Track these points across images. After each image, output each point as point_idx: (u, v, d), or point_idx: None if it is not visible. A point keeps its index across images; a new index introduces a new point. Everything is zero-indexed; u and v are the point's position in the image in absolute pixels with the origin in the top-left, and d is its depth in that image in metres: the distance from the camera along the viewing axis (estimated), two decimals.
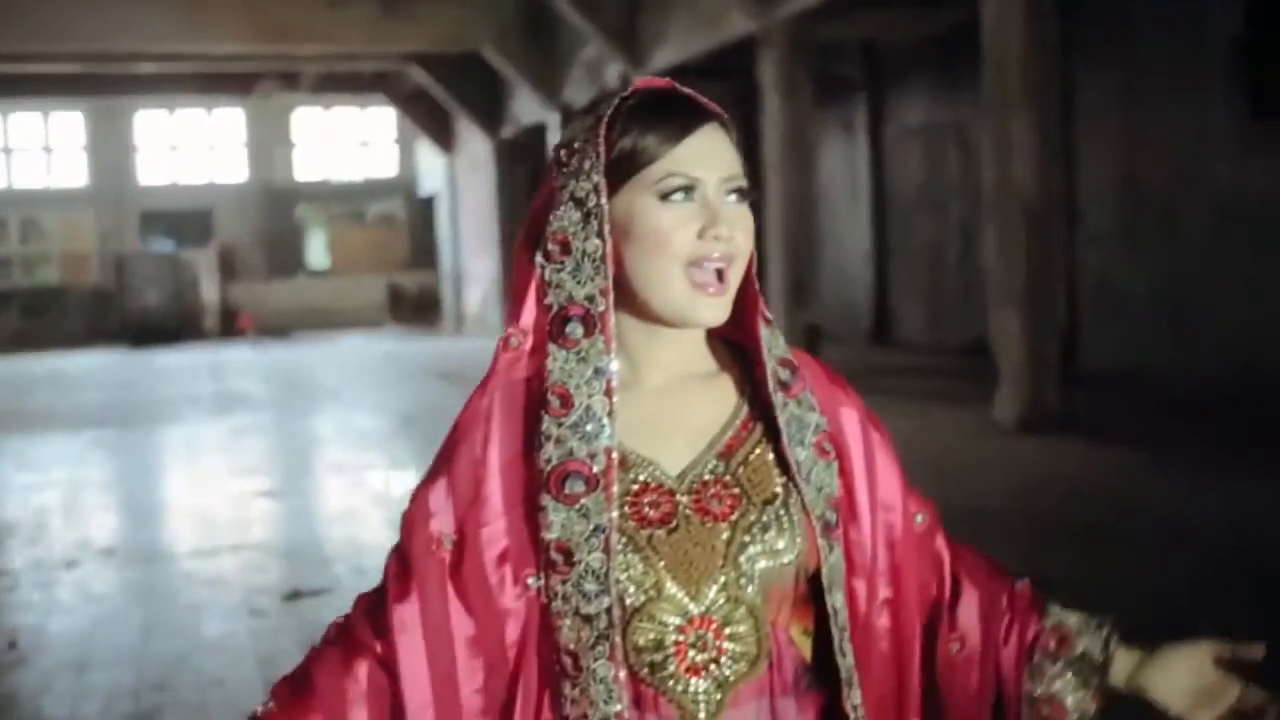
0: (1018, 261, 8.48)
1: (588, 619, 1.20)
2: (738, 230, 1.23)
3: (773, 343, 1.29)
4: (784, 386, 1.28)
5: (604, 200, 1.22)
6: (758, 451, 1.27)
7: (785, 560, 1.23)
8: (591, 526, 1.20)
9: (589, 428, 1.22)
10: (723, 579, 1.22)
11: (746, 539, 1.23)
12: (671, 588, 1.22)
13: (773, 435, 1.27)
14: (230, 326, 25.16)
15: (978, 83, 9.22)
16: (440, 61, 19.27)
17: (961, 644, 1.37)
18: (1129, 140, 11.00)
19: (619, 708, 1.20)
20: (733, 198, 1.24)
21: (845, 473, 1.30)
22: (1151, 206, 10.84)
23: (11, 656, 4.99)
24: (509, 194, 20.98)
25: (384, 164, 29.14)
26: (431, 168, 25.94)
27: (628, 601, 1.21)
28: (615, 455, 1.22)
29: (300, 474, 9.75)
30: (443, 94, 20.41)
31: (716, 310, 1.23)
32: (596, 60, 15.67)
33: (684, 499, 1.24)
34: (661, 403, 1.28)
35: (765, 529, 1.23)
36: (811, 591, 1.27)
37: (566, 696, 1.22)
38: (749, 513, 1.24)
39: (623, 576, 1.21)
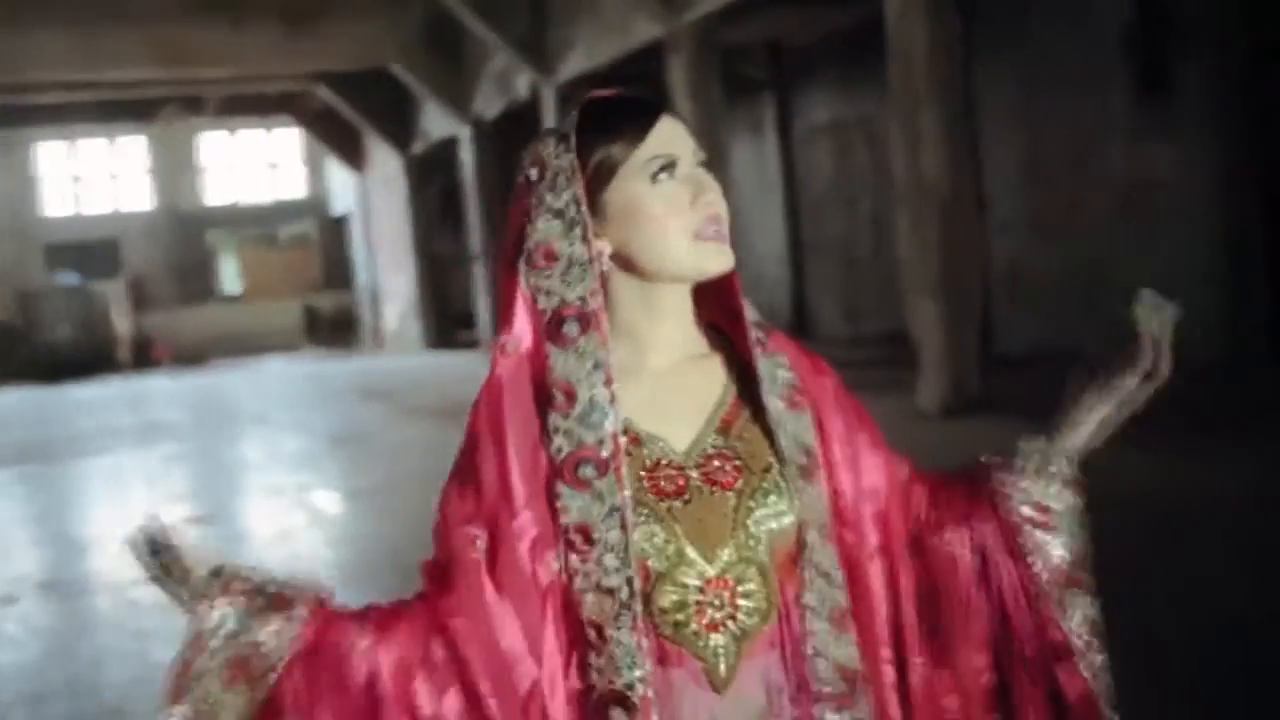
0: (932, 252, 8.71)
1: (609, 591, 1.31)
2: (719, 196, 1.38)
3: (749, 311, 1.44)
4: (760, 344, 1.43)
5: (584, 209, 1.35)
6: (751, 425, 1.41)
7: (787, 520, 1.36)
8: (607, 507, 1.32)
9: (594, 417, 1.34)
10: (733, 542, 1.35)
11: (752, 504, 1.36)
12: (691, 553, 1.34)
13: (759, 408, 1.40)
14: (145, 357, 24.77)
15: (883, 78, 9.45)
16: (347, 79, 19.21)
17: (946, 532, 1.48)
18: (1030, 128, 11.33)
19: (641, 672, 1.31)
20: (701, 169, 1.38)
21: (824, 432, 1.44)
22: (1055, 192, 11.17)
23: None
24: (422, 209, 20.98)
25: (293, 185, 28.90)
26: (342, 187, 25.81)
27: (651, 565, 1.32)
28: (621, 439, 1.33)
29: (232, 499, 9.70)
30: (350, 112, 20.35)
31: (726, 256, 1.37)
32: (505, 71, 15.75)
33: (693, 472, 1.36)
34: (663, 384, 1.40)
35: (766, 494, 1.37)
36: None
37: (593, 666, 1.33)
38: (751, 480, 1.37)
39: (646, 545, 1.32)
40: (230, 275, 28.67)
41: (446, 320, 21.10)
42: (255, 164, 28.54)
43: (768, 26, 13.78)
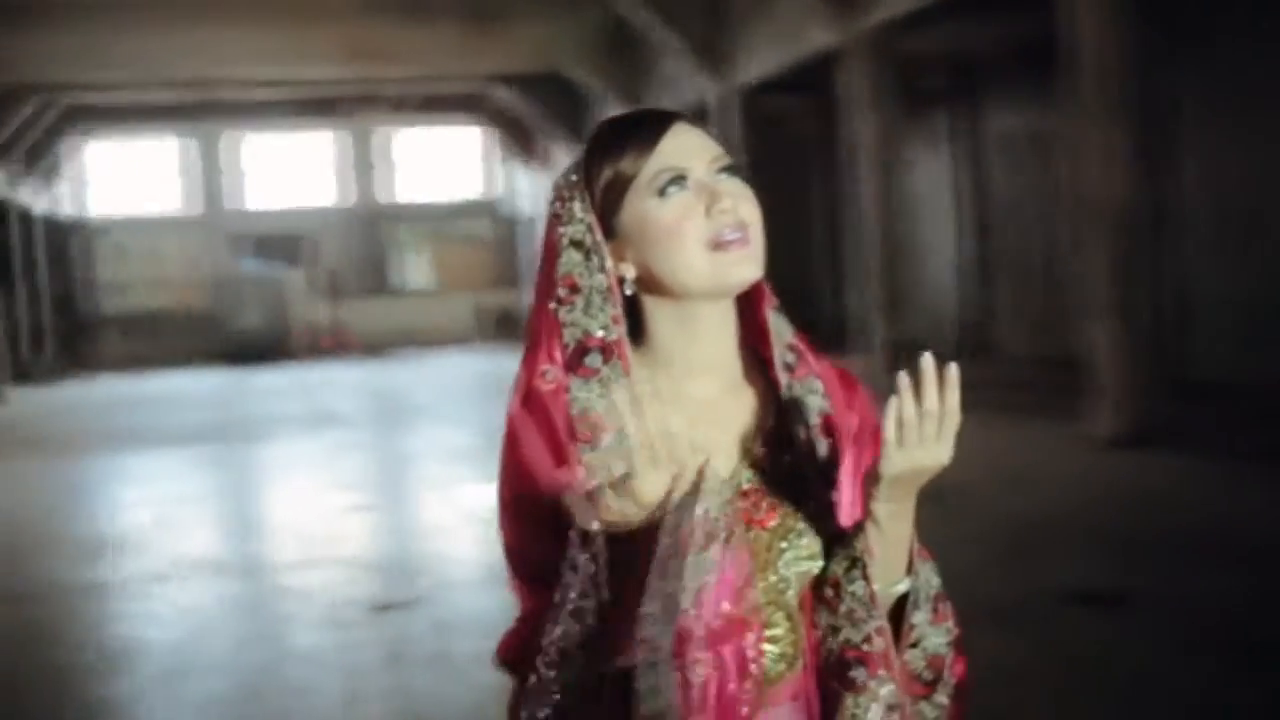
0: (1104, 271, 8.33)
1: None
2: (741, 201, 1.28)
3: (780, 328, 1.36)
4: (788, 369, 1.34)
5: (599, 236, 1.30)
6: (783, 458, 1.33)
7: (818, 563, 1.31)
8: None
9: (625, 447, 1.25)
10: (763, 584, 1.28)
11: (784, 545, 1.30)
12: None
13: (792, 438, 1.33)
14: (326, 345, 25.63)
15: (1064, 90, 9.08)
16: (526, 81, 19.49)
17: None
18: (1222, 145, 10.75)
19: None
20: (724, 175, 1.30)
21: (837, 458, 1.35)
22: (1248, 212, 10.58)
23: (110, 665, 5.13)
24: None
25: (474, 184, 29.50)
26: (521, 186, 26.20)
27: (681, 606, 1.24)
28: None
29: (393, 489, 9.89)
30: (529, 113, 20.64)
31: (748, 264, 1.28)
32: (679, 75, 15.74)
33: (730, 509, 1.27)
34: (704, 414, 1.32)
35: (800, 534, 1.30)
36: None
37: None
38: (786, 520, 1.31)
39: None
40: (410, 270, 29.44)
41: None
42: (439, 162, 29.23)
43: (948, 37, 13.41)
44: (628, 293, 1.31)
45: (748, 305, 1.35)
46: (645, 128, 1.31)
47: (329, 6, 16.23)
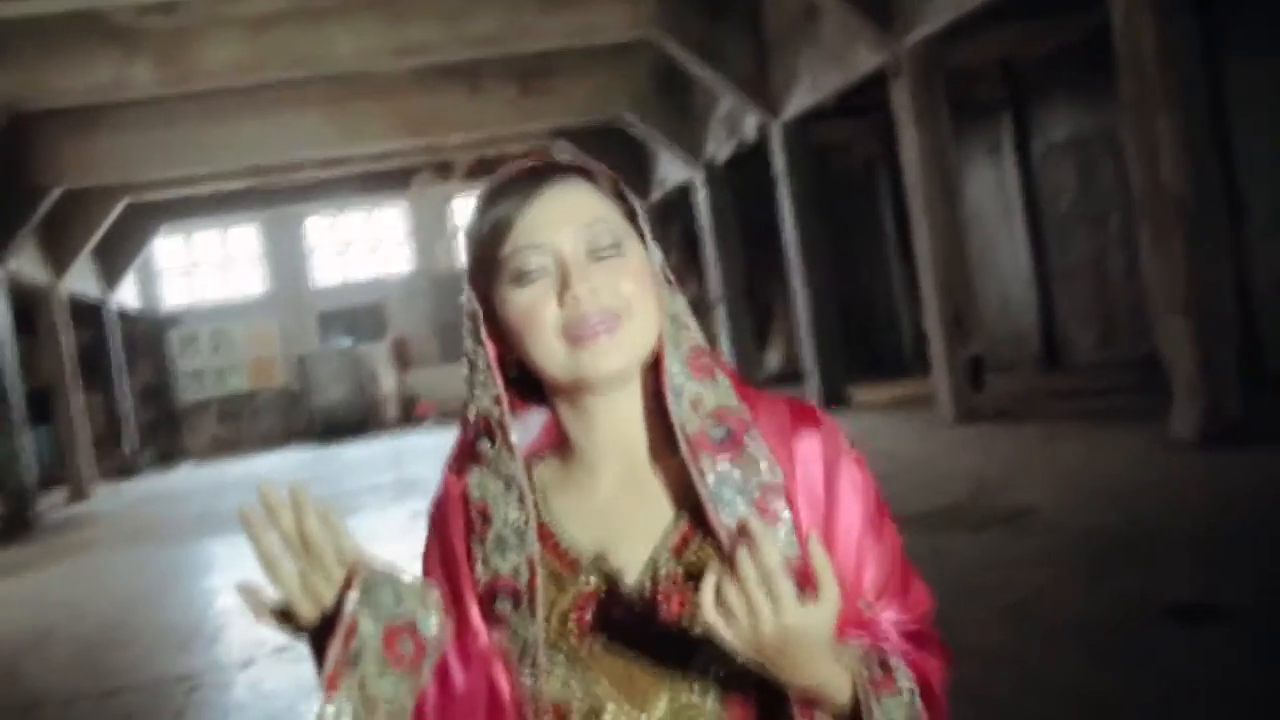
0: (1177, 266, 8.07)
1: None
2: (606, 283, 1.15)
3: (705, 395, 1.19)
4: (713, 442, 1.17)
5: (475, 305, 1.20)
6: (707, 543, 1.17)
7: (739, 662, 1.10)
8: (521, 646, 1.15)
9: (511, 540, 1.17)
10: (671, 690, 1.13)
11: (703, 639, 1.11)
12: (611, 709, 1.14)
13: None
14: (410, 414, 25.85)
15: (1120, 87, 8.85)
16: (583, 133, 19.58)
17: None
18: (1275, 133, 10.42)
19: None
20: (603, 250, 1.16)
21: (798, 526, 1.17)
22: None
23: None
24: (664, 254, 21.05)
25: None
26: None
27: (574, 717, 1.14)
28: (538, 565, 1.16)
29: None
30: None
31: (609, 356, 1.15)
32: (733, 113, 15.69)
33: (636, 604, 1.15)
34: (615, 502, 1.20)
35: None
36: None
37: None
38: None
39: (561, 691, 1.14)
40: None
41: None
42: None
43: (997, 44, 13.23)
44: (512, 375, 1.21)
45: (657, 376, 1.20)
46: (509, 197, 1.17)
47: (380, 82, 16.47)
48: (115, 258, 21.90)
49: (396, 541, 10.39)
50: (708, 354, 1.21)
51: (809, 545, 1.02)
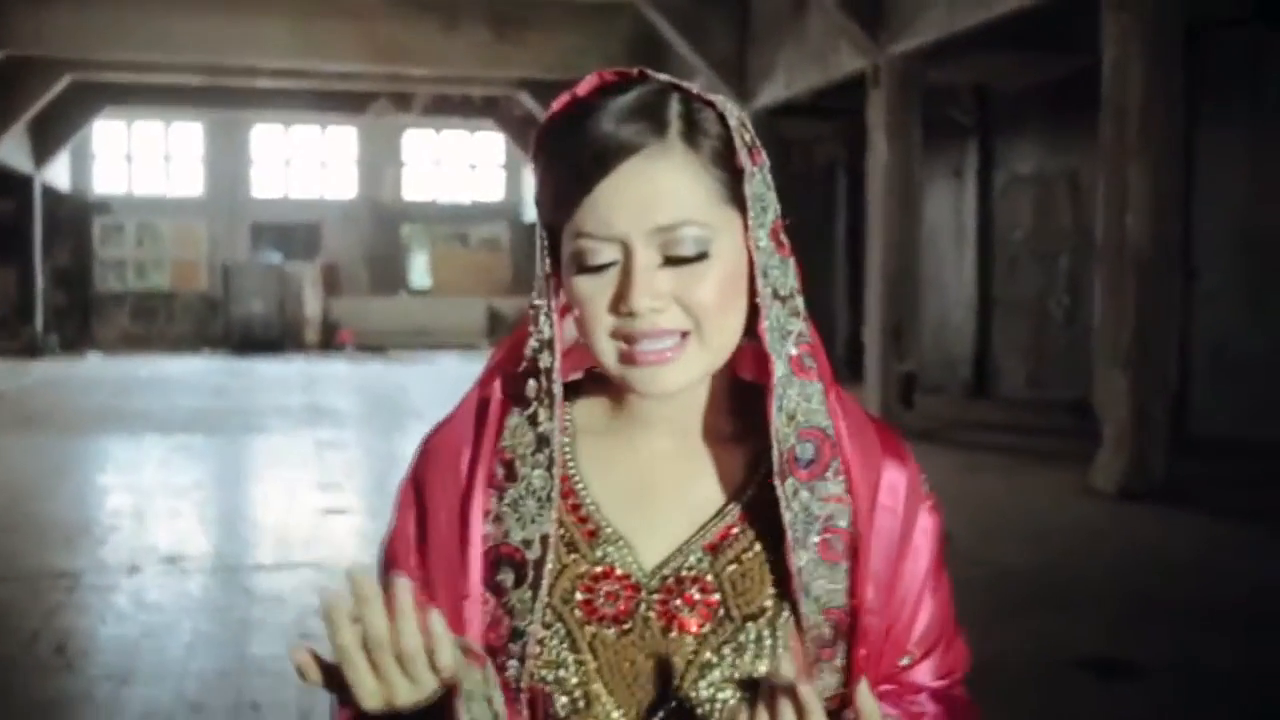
0: (1126, 317, 8.08)
1: None
2: (676, 295, 0.96)
3: (801, 407, 1.01)
4: (801, 465, 1.01)
5: (545, 238, 1.02)
6: (756, 549, 1.02)
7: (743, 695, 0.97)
8: (511, 628, 0.99)
9: (530, 508, 1.01)
10: (668, 708, 0.98)
11: (714, 659, 0.98)
12: (606, 703, 0.99)
13: (777, 531, 1.01)
14: (330, 340, 25.44)
15: (1093, 130, 8.85)
16: (549, 88, 19.30)
17: None
18: (1252, 192, 10.51)
19: None
20: (683, 251, 0.96)
21: (858, 578, 1.02)
22: (1268, 265, 10.33)
23: (58, 661, 4.90)
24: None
25: (490, 188, 29.32)
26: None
27: (554, 709, 0.99)
28: (552, 542, 1.00)
29: (377, 493, 9.64)
30: None
31: (659, 380, 0.97)
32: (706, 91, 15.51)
33: (651, 596, 1.00)
34: (655, 473, 1.04)
35: (740, 651, 0.98)
36: None
37: None
38: (723, 627, 0.99)
39: (549, 676, 0.99)
40: (420, 270, 29.24)
41: None
42: (455, 164, 29.05)
43: (977, 69, 13.22)
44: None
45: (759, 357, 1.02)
46: (589, 153, 0.94)
47: (356, 3, 16.08)
48: (51, 134, 21.20)
49: (300, 469, 10.18)
50: (811, 346, 1.03)
51: (859, 694, 0.87)
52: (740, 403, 1.06)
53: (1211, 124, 10.67)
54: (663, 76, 0.99)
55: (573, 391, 1.08)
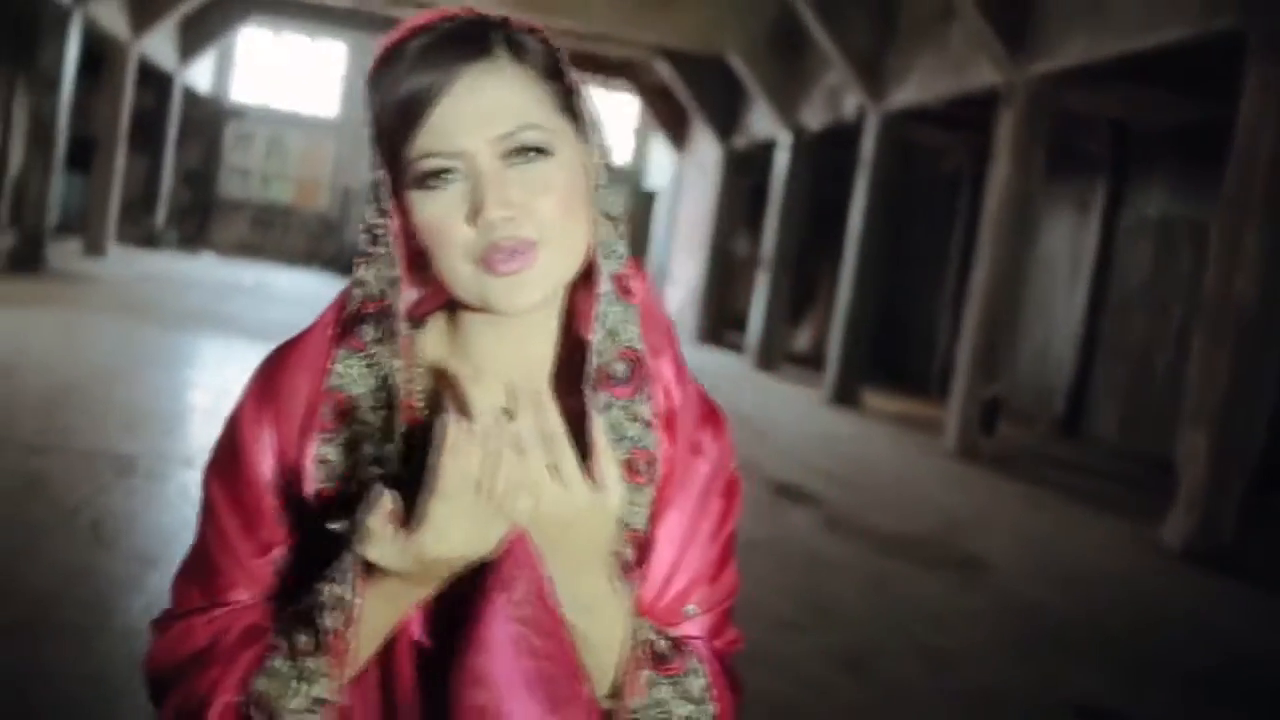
0: (1219, 376, 7.82)
1: None
2: (522, 199, 0.97)
3: (621, 327, 1.03)
4: (616, 382, 1.02)
5: (383, 170, 1.00)
6: None
7: None
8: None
9: (368, 452, 1.00)
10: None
11: None
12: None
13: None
14: None
15: (1225, 181, 8.56)
16: (686, 60, 19.25)
17: None
18: None
19: None
20: (516, 157, 0.97)
21: (660, 501, 1.04)
22: None
23: (91, 536, 5.03)
24: (729, 204, 20.85)
25: (618, 151, 29.37)
26: (661, 163, 26.01)
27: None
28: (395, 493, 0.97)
29: None
30: (683, 92, 20.40)
31: (520, 292, 0.97)
32: (837, 87, 15.35)
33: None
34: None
35: None
36: None
37: None
38: None
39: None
40: None
41: (722, 318, 20.92)
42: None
43: (1115, 102, 12.86)
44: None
45: (586, 294, 1.04)
46: (419, 73, 0.97)
47: None
48: (198, 34, 21.67)
49: None
50: (630, 271, 1.05)
51: (592, 429, 0.92)
52: (581, 355, 1.06)
53: None
54: (488, 12, 1.02)
55: (416, 326, 1.08)
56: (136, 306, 13.46)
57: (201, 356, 10.87)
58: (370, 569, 0.92)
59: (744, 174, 20.62)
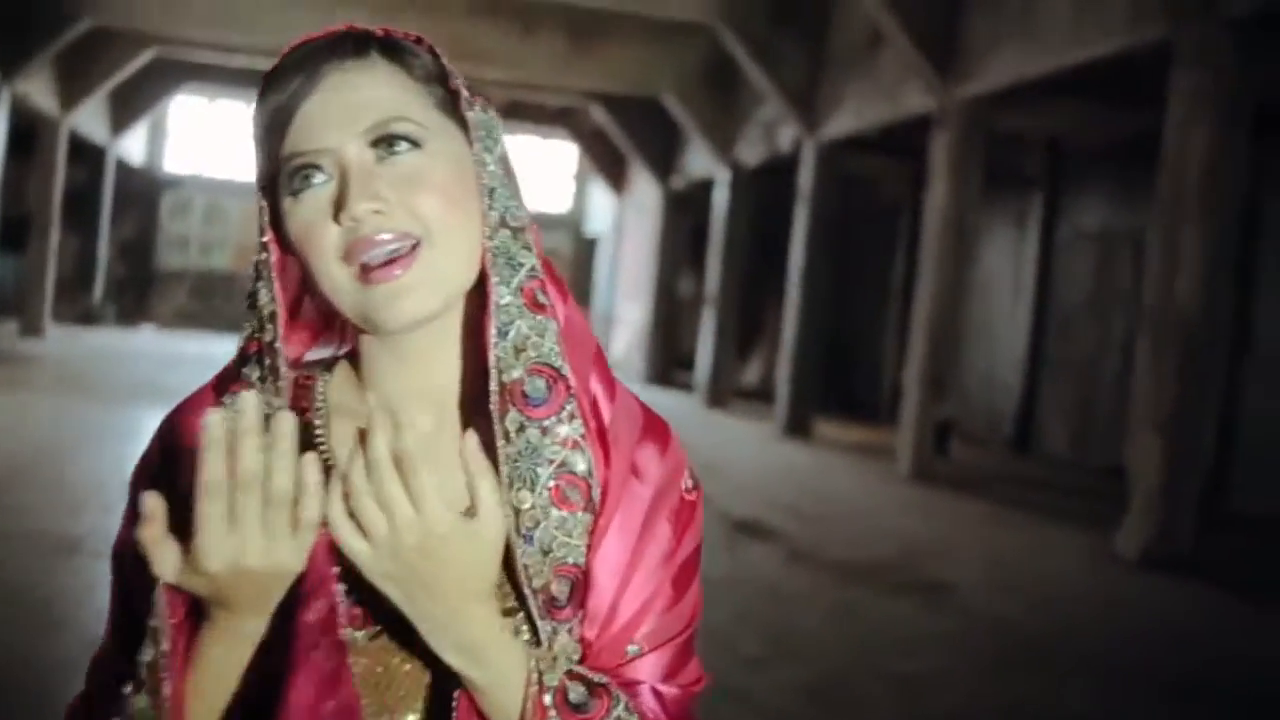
0: (1166, 383, 7.87)
1: None
2: (398, 197, 0.90)
3: (532, 342, 0.94)
4: (532, 403, 0.93)
5: (263, 201, 0.95)
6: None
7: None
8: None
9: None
10: (421, 710, 0.92)
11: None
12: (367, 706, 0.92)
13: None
14: None
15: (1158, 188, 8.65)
16: (621, 103, 19.33)
17: None
18: None
19: None
20: (397, 146, 0.92)
21: (597, 531, 0.95)
22: None
23: (45, 619, 4.89)
24: (671, 243, 20.90)
25: (558, 198, 29.39)
26: (600, 207, 26.07)
27: None
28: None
29: None
30: (619, 135, 20.47)
31: (403, 299, 0.91)
32: (772, 121, 15.46)
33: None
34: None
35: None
36: None
37: None
38: (505, 604, 0.93)
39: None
40: None
41: (670, 358, 20.92)
42: (526, 171, 29.12)
43: (1046, 120, 13.02)
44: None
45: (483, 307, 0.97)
46: (291, 79, 0.92)
47: (436, 3, 16.17)
48: (130, 106, 21.51)
49: None
50: (543, 283, 0.97)
51: (464, 449, 0.83)
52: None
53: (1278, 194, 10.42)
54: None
55: (324, 372, 1.03)
56: (78, 384, 13.24)
57: (143, 430, 10.68)
58: (192, 602, 0.87)
59: (684, 213, 20.69)
